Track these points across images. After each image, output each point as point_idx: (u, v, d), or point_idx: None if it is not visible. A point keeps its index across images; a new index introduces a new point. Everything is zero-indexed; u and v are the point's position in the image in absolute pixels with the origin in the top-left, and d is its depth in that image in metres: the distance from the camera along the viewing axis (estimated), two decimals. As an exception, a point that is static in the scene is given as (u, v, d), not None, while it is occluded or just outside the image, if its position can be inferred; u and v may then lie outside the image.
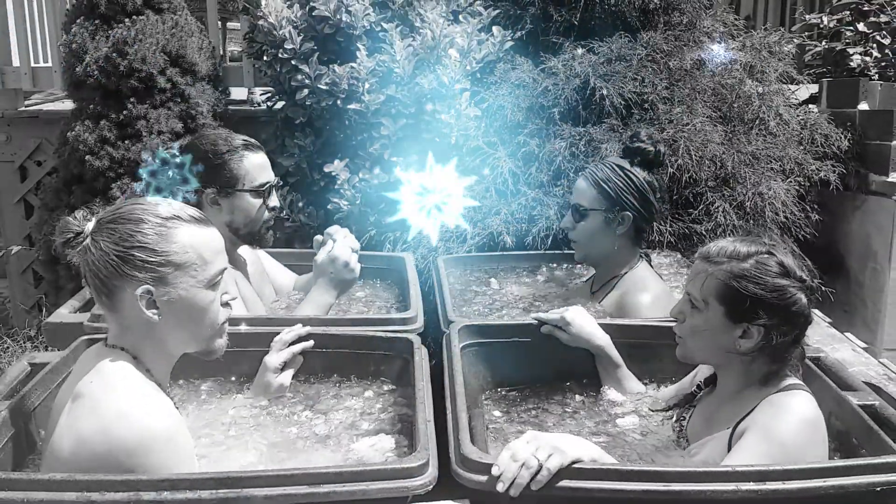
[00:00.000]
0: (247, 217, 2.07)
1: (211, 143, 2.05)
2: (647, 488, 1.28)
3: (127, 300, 1.34)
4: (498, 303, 2.34)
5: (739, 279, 1.45)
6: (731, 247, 1.49)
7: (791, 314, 1.45)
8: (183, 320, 1.37)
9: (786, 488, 1.29)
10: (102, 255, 1.33)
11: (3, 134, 4.22)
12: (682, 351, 1.58)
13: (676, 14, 3.48)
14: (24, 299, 4.20)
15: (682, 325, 1.56)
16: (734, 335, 1.47)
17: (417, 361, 1.69)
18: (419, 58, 3.02)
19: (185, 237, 1.36)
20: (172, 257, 1.34)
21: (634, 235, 2.19)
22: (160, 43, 3.50)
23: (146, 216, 1.34)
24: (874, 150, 3.31)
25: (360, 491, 1.25)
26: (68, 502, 1.20)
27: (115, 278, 1.33)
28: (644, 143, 2.15)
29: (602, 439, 1.63)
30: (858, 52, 3.95)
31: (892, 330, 3.17)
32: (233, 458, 1.48)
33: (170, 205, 1.39)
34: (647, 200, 2.15)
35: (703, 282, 1.49)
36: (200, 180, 2.01)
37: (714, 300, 1.48)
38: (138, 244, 1.32)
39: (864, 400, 1.58)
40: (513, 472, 1.27)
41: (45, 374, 1.60)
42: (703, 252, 1.53)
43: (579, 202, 2.18)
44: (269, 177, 2.11)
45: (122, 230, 1.33)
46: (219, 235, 1.44)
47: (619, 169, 2.15)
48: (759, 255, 1.47)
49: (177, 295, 1.35)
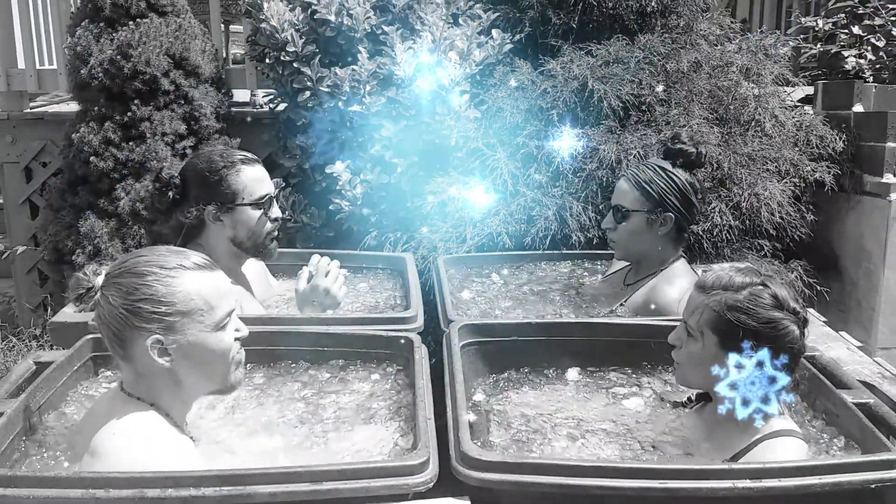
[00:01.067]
0: (249, 230, 2.07)
1: (207, 161, 2.05)
2: (644, 485, 1.28)
3: (139, 350, 1.36)
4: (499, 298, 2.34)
5: (733, 310, 1.47)
6: (726, 277, 1.50)
7: (783, 346, 1.46)
8: (196, 364, 1.40)
9: (781, 485, 1.29)
10: (112, 309, 1.36)
11: (8, 135, 4.22)
12: (679, 376, 1.62)
13: (673, 17, 3.48)
14: (30, 299, 4.20)
15: (679, 351, 1.58)
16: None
17: (418, 360, 1.69)
18: (419, 60, 3.02)
19: (190, 285, 1.38)
20: (179, 306, 1.36)
21: (676, 235, 2.20)
22: (164, 46, 3.50)
23: (151, 268, 1.37)
24: (868, 152, 3.31)
25: (362, 488, 1.26)
26: (73, 499, 1.21)
27: (126, 330, 1.36)
28: (685, 145, 2.15)
29: (606, 424, 1.64)
30: (853, 54, 3.95)
31: (885, 329, 3.17)
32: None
33: (174, 254, 1.41)
34: (689, 201, 2.15)
35: (698, 312, 1.51)
36: (201, 198, 2.03)
37: (708, 330, 1.50)
38: (145, 296, 1.35)
39: (858, 398, 1.59)
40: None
41: (51, 372, 1.60)
42: (700, 282, 1.55)
43: (621, 203, 2.18)
44: (268, 189, 2.10)
45: (129, 284, 1.36)
46: (224, 278, 1.46)
47: (662, 170, 2.15)
48: (754, 286, 1.48)
49: (186, 341, 1.37)
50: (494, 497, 1.33)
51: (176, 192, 2.05)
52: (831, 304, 3.19)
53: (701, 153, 2.17)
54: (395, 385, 1.75)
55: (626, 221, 2.18)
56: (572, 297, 2.34)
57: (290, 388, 1.75)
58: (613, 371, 1.87)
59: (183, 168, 2.10)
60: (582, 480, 1.29)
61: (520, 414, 1.68)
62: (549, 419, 1.67)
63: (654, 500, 1.31)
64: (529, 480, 1.30)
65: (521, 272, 2.56)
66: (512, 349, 1.87)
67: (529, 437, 1.60)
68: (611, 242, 2.26)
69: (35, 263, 4.19)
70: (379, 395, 1.72)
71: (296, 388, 1.75)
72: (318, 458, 1.48)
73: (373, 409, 1.66)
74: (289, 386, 1.76)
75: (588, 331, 1.91)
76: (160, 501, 1.21)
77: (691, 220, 2.24)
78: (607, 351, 1.88)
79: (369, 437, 1.55)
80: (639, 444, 1.59)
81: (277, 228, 2.16)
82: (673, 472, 1.31)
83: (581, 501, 1.34)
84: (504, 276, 2.53)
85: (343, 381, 1.78)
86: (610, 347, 1.88)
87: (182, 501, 1.21)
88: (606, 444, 1.59)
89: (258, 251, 2.13)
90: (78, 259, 3.43)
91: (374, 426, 1.59)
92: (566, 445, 1.57)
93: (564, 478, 1.29)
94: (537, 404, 1.74)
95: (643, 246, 2.19)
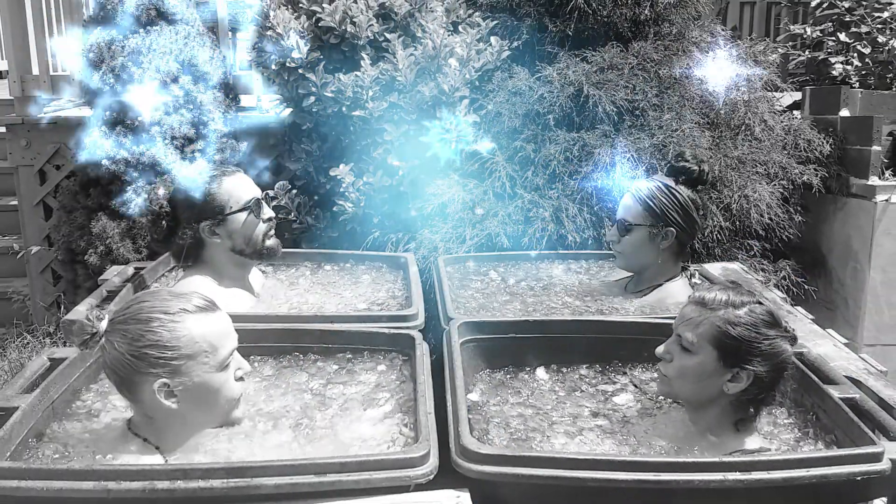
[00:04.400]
0: (245, 236, 2.07)
1: (189, 182, 2.05)
2: (639, 478, 1.28)
3: (146, 392, 1.36)
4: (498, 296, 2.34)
5: (735, 325, 1.47)
6: (725, 295, 1.51)
7: (778, 362, 1.47)
8: (201, 403, 1.40)
9: (770, 478, 1.29)
10: (118, 356, 1.35)
11: (23, 139, 4.22)
12: (665, 388, 1.59)
13: (666, 25, 3.48)
14: (44, 297, 4.20)
15: (668, 364, 1.56)
16: (724, 378, 1.48)
17: (419, 356, 1.69)
18: (420, 66, 3.02)
19: (195, 329, 1.37)
20: (184, 350, 1.36)
21: (677, 250, 2.22)
22: (173, 52, 3.51)
23: (154, 314, 1.36)
24: (855, 155, 3.31)
25: (364, 480, 1.26)
26: (86, 490, 1.20)
27: (134, 375, 1.36)
28: (689, 163, 2.17)
29: (601, 421, 1.64)
30: (840, 61, 3.96)
31: (871, 326, 3.17)
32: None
33: (176, 298, 1.40)
34: (691, 217, 2.17)
35: (698, 326, 1.50)
36: (192, 218, 2.03)
37: (707, 344, 1.49)
38: (150, 343, 1.34)
39: (845, 393, 1.58)
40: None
41: (64, 368, 1.60)
42: (698, 298, 1.54)
43: (625, 218, 2.20)
44: (253, 192, 2.10)
45: (134, 331, 1.35)
46: (226, 317, 1.45)
47: (665, 187, 2.17)
48: (752, 304, 1.49)
49: (192, 383, 1.37)
50: (493, 489, 1.32)
51: (168, 220, 2.06)
52: (819, 302, 3.19)
53: (704, 171, 2.18)
54: (398, 379, 1.75)
55: (629, 235, 2.20)
56: (569, 295, 2.34)
57: (297, 379, 1.75)
58: (609, 368, 1.86)
59: (170, 196, 2.10)
60: (578, 473, 1.29)
61: (517, 413, 1.68)
62: (547, 416, 1.67)
63: (648, 492, 1.31)
64: (527, 473, 1.29)
65: (519, 271, 2.56)
66: (510, 346, 1.87)
67: (528, 434, 1.59)
68: (616, 254, 2.28)
69: (49, 263, 4.19)
70: (384, 386, 1.72)
71: (304, 378, 1.75)
72: (325, 447, 1.48)
73: (375, 402, 1.66)
74: (297, 377, 1.76)
75: (586, 328, 1.91)
76: (170, 493, 1.21)
77: (692, 236, 2.25)
78: (605, 348, 1.88)
79: (374, 428, 1.55)
80: (634, 439, 1.59)
81: (273, 227, 2.15)
82: (666, 465, 1.31)
83: (577, 493, 1.34)
84: (502, 274, 2.52)
85: (350, 372, 1.78)
86: (607, 345, 1.88)
87: (191, 493, 1.21)
88: (603, 440, 1.58)
89: (260, 255, 2.13)
90: (90, 259, 3.43)
91: (378, 417, 1.59)
92: (564, 442, 1.57)
93: (561, 470, 1.29)
94: (535, 400, 1.73)
95: (645, 258, 2.21)
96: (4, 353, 3.54)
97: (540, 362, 1.87)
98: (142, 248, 3.43)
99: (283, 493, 1.23)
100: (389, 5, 3.16)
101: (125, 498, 1.21)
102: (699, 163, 2.18)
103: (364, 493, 1.26)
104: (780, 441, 1.55)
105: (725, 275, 2.49)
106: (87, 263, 3.48)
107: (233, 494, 1.22)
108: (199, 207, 2.03)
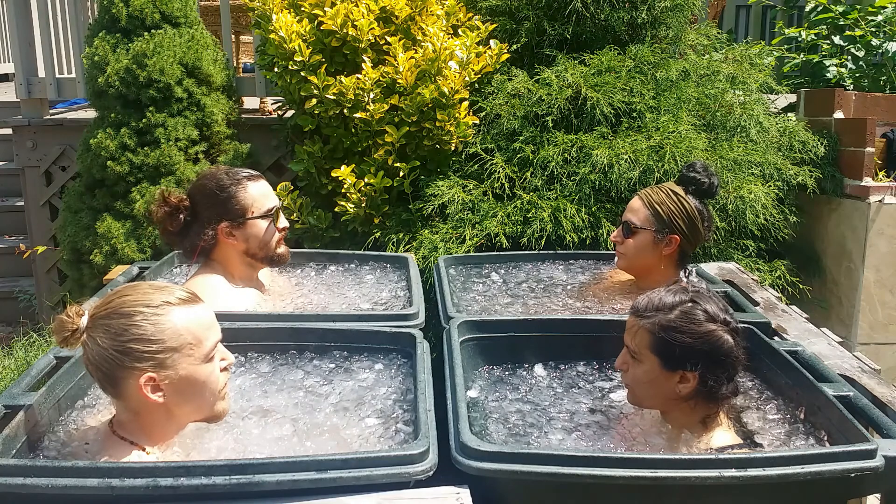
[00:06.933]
0: (261, 241, 2.09)
1: (216, 181, 2.06)
2: (636, 474, 1.28)
3: (132, 387, 1.33)
4: (498, 295, 2.34)
5: (668, 330, 1.46)
6: (657, 299, 1.50)
7: (721, 356, 1.46)
8: (187, 396, 1.37)
9: (766, 474, 1.29)
10: (102, 351, 1.31)
11: (29, 141, 4.22)
12: (631, 398, 1.59)
13: (663, 28, 3.48)
14: (50, 297, 4.20)
15: (626, 374, 1.56)
16: (673, 382, 1.48)
17: (419, 355, 1.69)
18: (421, 69, 3.02)
19: (178, 321, 1.34)
20: (169, 343, 1.33)
21: (679, 257, 2.22)
22: (177, 55, 3.50)
23: (137, 308, 1.32)
24: (849, 156, 3.31)
25: (365, 476, 1.26)
26: (90, 488, 1.20)
27: (118, 370, 1.32)
28: (699, 174, 2.17)
29: (597, 417, 1.64)
30: (834, 63, 3.95)
31: (865, 325, 3.16)
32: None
33: (158, 291, 1.36)
34: (696, 227, 2.17)
35: (636, 335, 1.51)
36: (213, 217, 2.03)
37: (647, 351, 1.49)
38: (134, 336, 1.31)
39: (839, 391, 1.58)
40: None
41: (70, 366, 1.60)
42: (633, 307, 1.54)
43: (631, 219, 2.20)
44: (274, 201, 2.13)
45: (117, 325, 1.31)
46: (209, 309, 1.42)
47: (674, 194, 2.17)
48: (684, 304, 1.48)
49: (178, 376, 1.35)
50: (492, 485, 1.32)
51: (187, 215, 2.06)
52: (813, 301, 3.19)
53: (713, 184, 2.18)
54: (399, 376, 1.75)
55: (633, 237, 2.20)
56: (570, 297, 2.34)
57: (294, 376, 1.75)
58: (606, 365, 1.86)
59: (190, 190, 2.10)
60: (576, 469, 1.29)
61: (516, 409, 1.68)
62: (545, 412, 1.67)
63: (645, 489, 1.30)
64: (526, 470, 1.29)
65: (518, 271, 2.56)
66: (509, 344, 1.87)
67: (527, 430, 1.59)
68: (618, 254, 2.28)
69: (54, 263, 4.20)
70: (384, 383, 1.72)
71: (300, 376, 1.75)
72: (326, 444, 1.48)
73: (376, 399, 1.66)
74: (293, 374, 1.76)
75: (584, 327, 1.91)
76: (173, 490, 1.20)
77: (695, 245, 2.25)
78: (602, 346, 1.87)
79: (374, 425, 1.54)
80: (630, 435, 1.59)
81: (285, 237, 2.17)
82: (663, 461, 1.31)
83: (575, 490, 1.34)
84: (502, 274, 2.53)
85: (351, 370, 1.78)
86: (604, 342, 1.87)
87: (194, 489, 1.21)
88: (599, 435, 1.58)
89: (271, 260, 2.15)
90: (95, 259, 3.43)
91: (378, 414, 1.59)
92: (561, 437, 1.57)
93: (559, 467, 1.29)
94: (533, 396, 1.73)
95: (646, 262, 2.21)
96: (11, 351, 3.54)
97: (538, 360, 1.87)
98: (146, 248, 3.43)
99: (284, 489, 1.23)
100: (390, 9, 3.16)
101: (129, 495, 1.21)
102: (710, 175, 2.18)
103: (364, 488, 1.26)
104: (772, 436, 1.55)
105: (721, 274, 2.50)
106: (92, 263, 3.48)
107: (235, 491, 1.22)
108: (222, 207, 2.04)
